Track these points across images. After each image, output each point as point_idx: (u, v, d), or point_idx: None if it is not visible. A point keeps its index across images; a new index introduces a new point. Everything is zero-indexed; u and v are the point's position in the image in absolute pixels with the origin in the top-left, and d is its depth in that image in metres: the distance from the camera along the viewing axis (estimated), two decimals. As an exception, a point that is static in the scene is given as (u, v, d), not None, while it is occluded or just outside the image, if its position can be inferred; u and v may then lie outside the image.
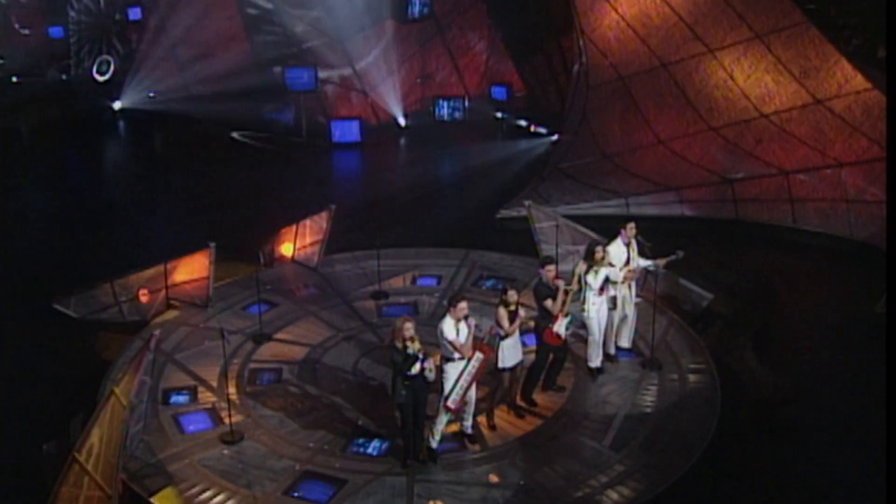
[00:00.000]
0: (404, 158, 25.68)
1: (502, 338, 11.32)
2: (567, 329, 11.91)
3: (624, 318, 13.21)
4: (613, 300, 12.68)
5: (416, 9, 25.25)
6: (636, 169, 20.14)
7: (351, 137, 25.66)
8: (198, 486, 10.82)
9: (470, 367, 10.76)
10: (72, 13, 30.45)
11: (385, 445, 11.45)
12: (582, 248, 13.89)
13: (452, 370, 10.75)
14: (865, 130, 17.89)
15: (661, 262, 13.17)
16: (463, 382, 10.76)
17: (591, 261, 12.22)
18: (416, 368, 10.40)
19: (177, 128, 27.86)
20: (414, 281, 16.17)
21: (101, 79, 30.31)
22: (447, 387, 10.76)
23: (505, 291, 11.40)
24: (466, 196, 21.22)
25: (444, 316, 10.84)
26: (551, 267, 11.95)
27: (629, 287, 13.03)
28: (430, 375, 10.57)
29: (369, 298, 15.49)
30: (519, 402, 12.13)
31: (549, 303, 11.71)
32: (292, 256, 17.10)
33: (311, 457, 11.32)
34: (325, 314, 14.93)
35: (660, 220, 18.93)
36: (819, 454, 11.36)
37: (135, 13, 29.26)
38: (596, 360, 12.79)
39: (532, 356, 12.27)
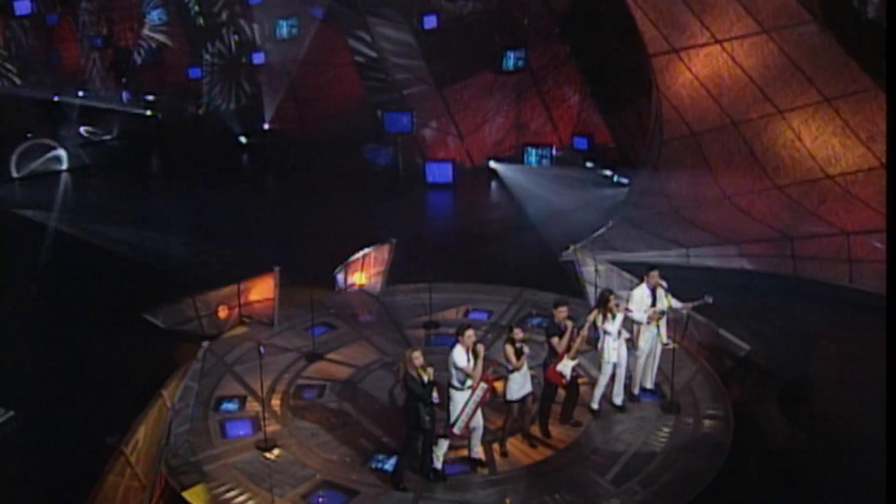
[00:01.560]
0: (490, 200, 26.01)
1: (510, 372, 11.51)
2: (572, 371, 11.99)
3: (650, 358, 13.20)
4: (630, 341, 12.68)
5: (511, 62, 25.61)
6: (700, 221, 19.98)
7: (443, 178, 26.20)
8: (226, 485, 11.36)
9: (475, 397, 10.99)
10: (206, 56, 32.19)
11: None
12: (625, 293, 13.96)
13: (459, 398, 11.01)
14: (932, 195, 17.31)
15: (689, 305, 13.18)
16: (468, 410, 10.99)
17: (605, 309, 12.30)
18: (436, 395, 10.72)
19: (291, 162, 29.10)
20: (466, 314, 16.45)
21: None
22: (453, 414, 11.01)
23: (511, 329, 11.62)
24: (538, 238, 21.32)
25: (454, 345, 11.09)
26: (563, 308, 12.06)
27: (657, 327, 13.01)
28: (436, 398, 10.86)
29: (421, 328, 15.83)
30: (534, 432, 12.25)
31: (555, 340, 11.86)
32: (359, 284, 17.63)
33: (332, 468, 11.73)
34: (376, 339, 15.38)
35: (719, 271, 18.74)
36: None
37: (258, 57, 30.64)
38: (595, 403, 12.81)
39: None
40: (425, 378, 10.60)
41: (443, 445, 11.31)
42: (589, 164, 26.83)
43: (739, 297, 17.60)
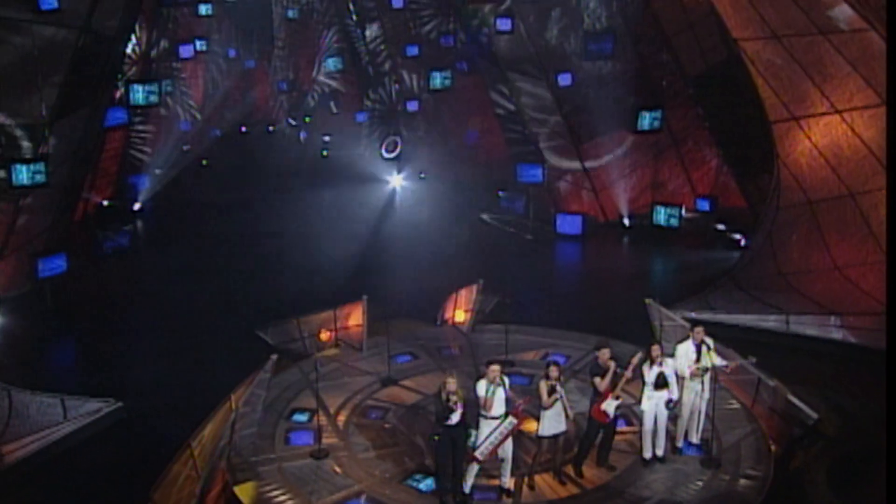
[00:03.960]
0: (615, 254, 26.21)
1: (543, 409, 11.95)
2: (616, 410, 12.29)
3: (695, 413, 13.25)
4: (669, 402, 12.77)
5: (647, 122, 25.74)
6: (806, 290, 19.57)
7: (573, 230, 26.71)
8: (272, 485, 12.33)
9: (501, 428, 11.52)
10: (367, 103, 34.14)
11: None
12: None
13: (485, 426, 11.57)
14: None
15: (733, 363, 13.22)
16: (493, 439, 11.52)
17: (648, 357, 12.53)
18: (455, 419, 11.36)
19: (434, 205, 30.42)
20: (545, 357, 16.84)
21: (388, 156, 33.48)
22: (479, 440, 11.57)
23: (548, 366, 12.05)
24: (646, 293, 21.39)
25: (480, 377, 11.71)
26: (605, 350, 12.44)
27: (701, 384, 13.07)
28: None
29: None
30: (567, 470, 12.58)
31: (597, 380, 12.22)
32: (455, 320, 18.42)
33: (372, 482, 12.49)
34: (452, 372, 15.96)
35: (818, 340, 18.28)
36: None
37: (412, 105, 32.20)
38: (647, 452, 12.92)
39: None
40: (450, 403, 11.25)
41: (472, 470, 11.84)
42: (720, 227, 26.60)
43: (830, 368, 17.19)
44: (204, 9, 31.81)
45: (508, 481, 12.16)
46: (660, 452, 13.06)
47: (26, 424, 14.20)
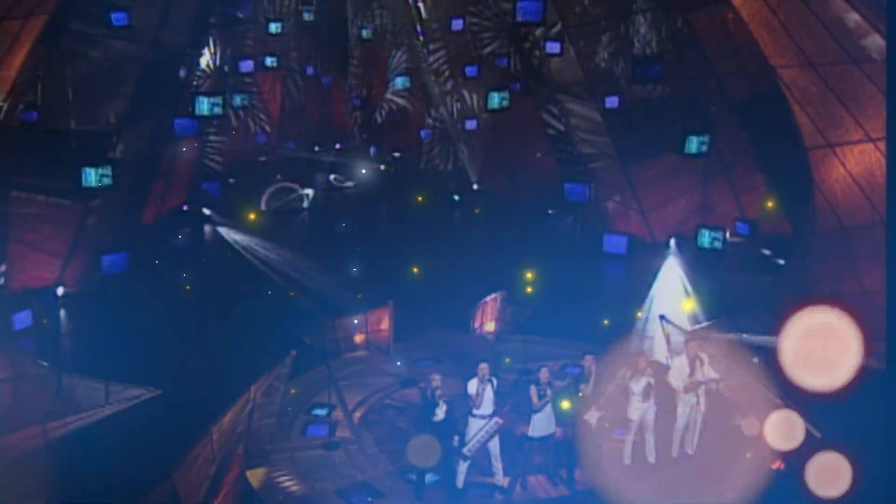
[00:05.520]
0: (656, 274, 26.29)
1: (534, 411, 12.39)
2: (599, 421, 12.64)
3: (689, 426, 13.50)
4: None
5: (694, 146, 25.77)
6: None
7: (617, 249, 26.90)
8: (282, 471, 13.04)
9: (487, 427, 12.02)
10: (429, 120, 34.91)
11: (432, 480, 12.82)
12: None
13: (474, 424, 12.12)
14: None
15: (731, 376, 13.48)
16: (479, 437, 12.03)
17: (634, 369, 12.86)
18: (440, 415, 11.93)
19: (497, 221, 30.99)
20: (562, 367, 17.20)
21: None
22: (466, 437, 12.09)
23: (539, 370, 12.49)
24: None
25: (472, 376, 12.23)
26: (589, 357, 12.85)
27: (696, 396, 13.32)
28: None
29: (514, 373, 16.82)
30: (562, 473, 12.98)
31: (582, 387, 12.60)
32: (484, 329, 18.95)
33: (375, 473, 13.13)
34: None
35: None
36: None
37: (471, 124, 32.82)
38: (628, 459, 13.23)
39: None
40: (435, 397, 11.83)
41: (462, 467, 12.35)
42: (766, 252, 26.48)
43: (851, 391, 17.13)
44: (273, 27, 33.00)
45: (501, 479, 12.62)
46: (651, 460, 13.35)
47: (71, 405, 15.20)
